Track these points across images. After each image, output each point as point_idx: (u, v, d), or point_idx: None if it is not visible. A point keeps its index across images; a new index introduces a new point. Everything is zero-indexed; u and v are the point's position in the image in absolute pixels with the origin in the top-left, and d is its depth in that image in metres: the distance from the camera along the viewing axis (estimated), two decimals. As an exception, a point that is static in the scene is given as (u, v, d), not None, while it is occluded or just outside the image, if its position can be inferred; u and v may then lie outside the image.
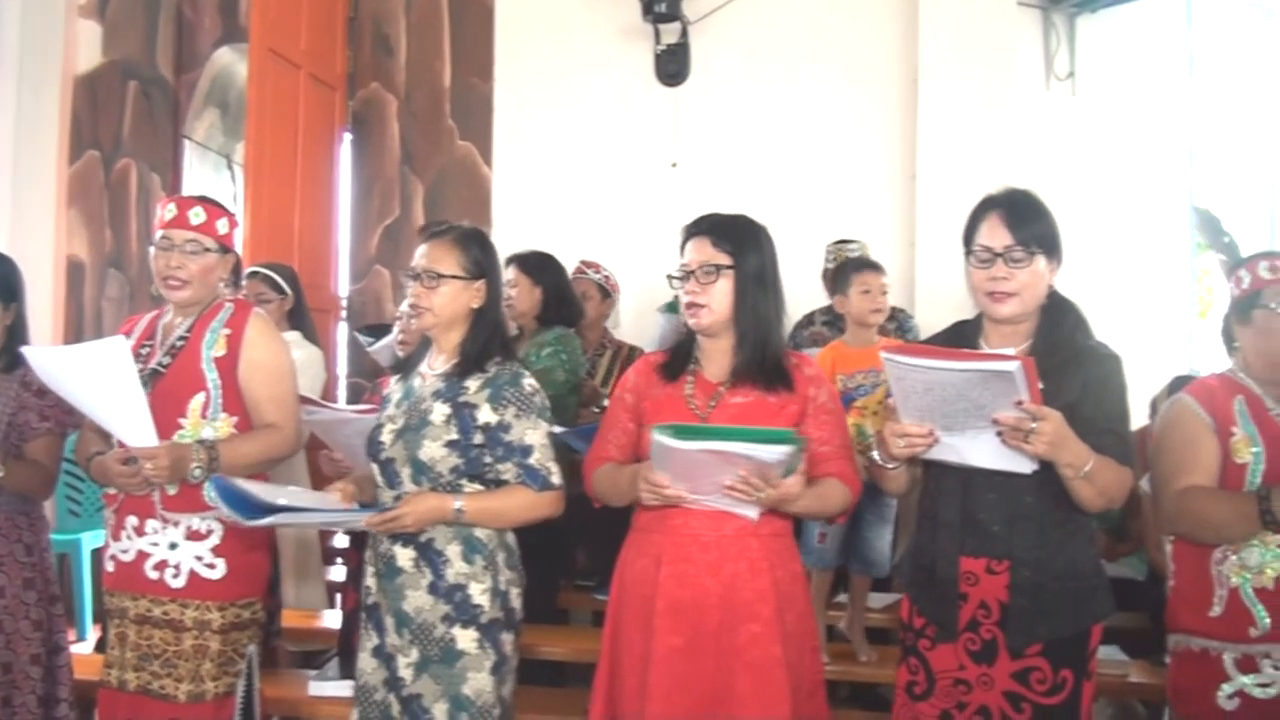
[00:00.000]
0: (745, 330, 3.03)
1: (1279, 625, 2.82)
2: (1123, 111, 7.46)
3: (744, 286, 3.01)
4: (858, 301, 4.62)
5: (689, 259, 3.04)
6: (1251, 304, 2.98)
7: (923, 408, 2.65)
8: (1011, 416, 2.55)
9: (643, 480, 2.87)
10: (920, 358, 2.57)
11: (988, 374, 2.51)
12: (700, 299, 3.00)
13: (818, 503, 2.94)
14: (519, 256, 5.01)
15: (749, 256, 3.03)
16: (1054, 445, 2.57)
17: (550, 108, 6.99)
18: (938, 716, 2.87)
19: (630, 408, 3.16)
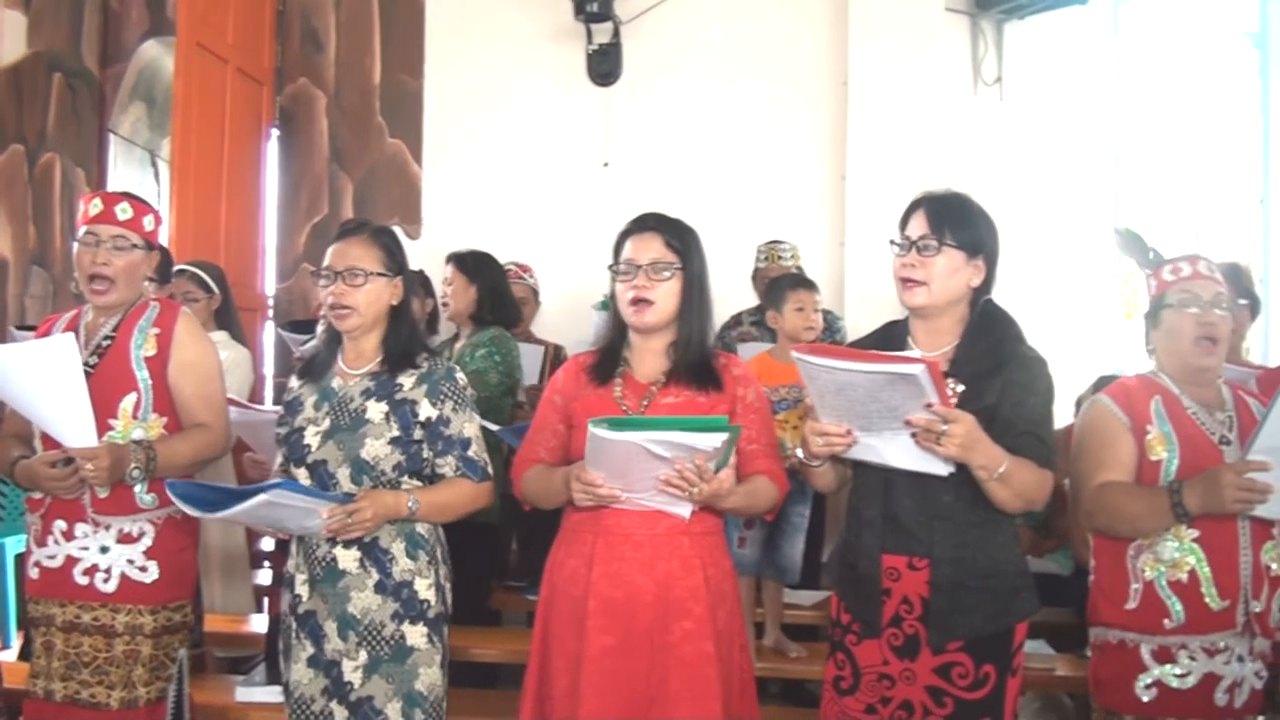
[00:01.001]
0: (687, 331, 3.04)
1: (1193, 617, 2.88)
2: (1049, 116, 7.57)
3: (690, 287, 3.04)
4: (792, 318, 4.68)
5: (637, 254, 3.03)
6: (1159, 305, 3.07)
7: (838, 408, 2.67)
8: (923, 419, 2.59)
9: (576, 480, 2.87)
10: (829, 359, 2.58)
11: (893, 376, 2.53)
12: (650, 295, 3.00)
13: (748, 500, 2.95)
14: (457, 255, 5.00)
15: (694, 258, 3.05)
16: (965, 448, 2.61)
17: (481, 106, 6.95)
18: (863, 710, 2.90)
19: (560, 409, 3.14)
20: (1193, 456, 2.93)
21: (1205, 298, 2.99)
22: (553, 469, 3.07)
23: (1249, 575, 2.89)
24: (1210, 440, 2.96)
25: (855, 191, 6.67)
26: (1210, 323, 2.98)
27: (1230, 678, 2.90)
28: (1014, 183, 7.14)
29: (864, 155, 6.66)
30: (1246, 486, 2.72)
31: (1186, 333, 2.99)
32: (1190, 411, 3.00)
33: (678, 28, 6.83)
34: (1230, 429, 3.00)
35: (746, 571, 4.62)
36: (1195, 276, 3.02)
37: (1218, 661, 2.90)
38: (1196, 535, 2.88)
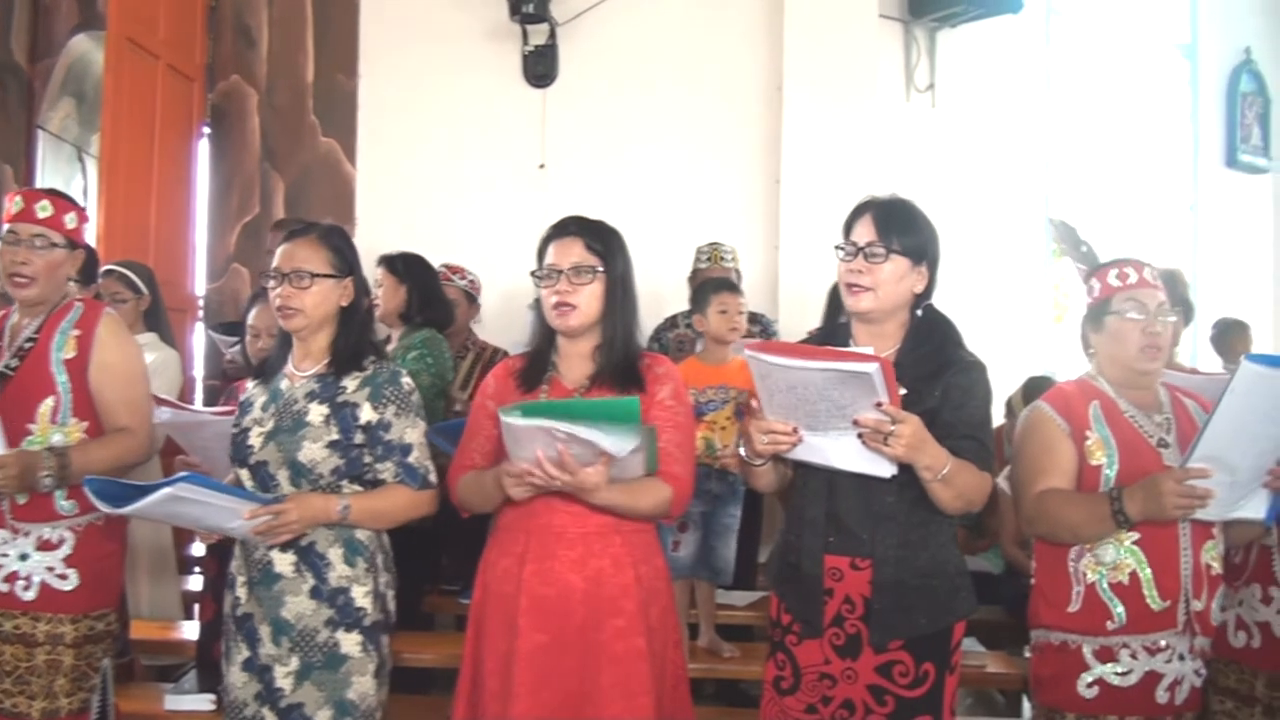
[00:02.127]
0: (611, 334, 3.04)
1: (1135, 618, 2.92)
2: (981, 123, 7.67)
3: (613, 290, 3.03)
4: (715, 321, 4.68)
5: (558, 259, 3.03)
6: (1103, 310, 3.08)
7: (786, 406, 2.67)
8: (871, 419, 2.60)
9: (505, 476, 2.86)
10: (782, 356, 2.59)
11: (846, 374, 2.54)
12: (572, 299, 3.00)
13: (626, 498, 2.92)
14: (387, 257, 4.98)
15: (616, 260, 3.05)
16: (912, 448, 2.62)
17: (416, 106, 6.89)
18: (804, 710, 2.92)
19: (491, 415, 3.11)
20: (1132, 460, 2.97)
21: (1151, 306, 3.03)
22: (483, 472, 3.07)
23: (1189, 575, 2.93)
24: (1149, 444, 3.00)
25: (789, 196, 6.69)
26: (1156, 331, 3.01)
27: (1171, 675, 2.95)
28: (946, 189, 7.19)
29: (798, 160, 6.69)
30: (1186, 493, 2.76)
31: (1133, 340, 3.02)
32: (1128, 415, 3.04)
33: (614, 30, 6.81)
34: (1168, 431, 3.04)
35: (681, 575, 4.64)
36: (1142, 284, 3.06)
37: (1159, 660, 2.94)
38: (1137, 538, 2.92)
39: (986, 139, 7.73)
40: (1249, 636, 3.28)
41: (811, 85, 6.70)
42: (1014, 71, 7.97)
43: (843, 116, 6.68)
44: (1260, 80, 9.45)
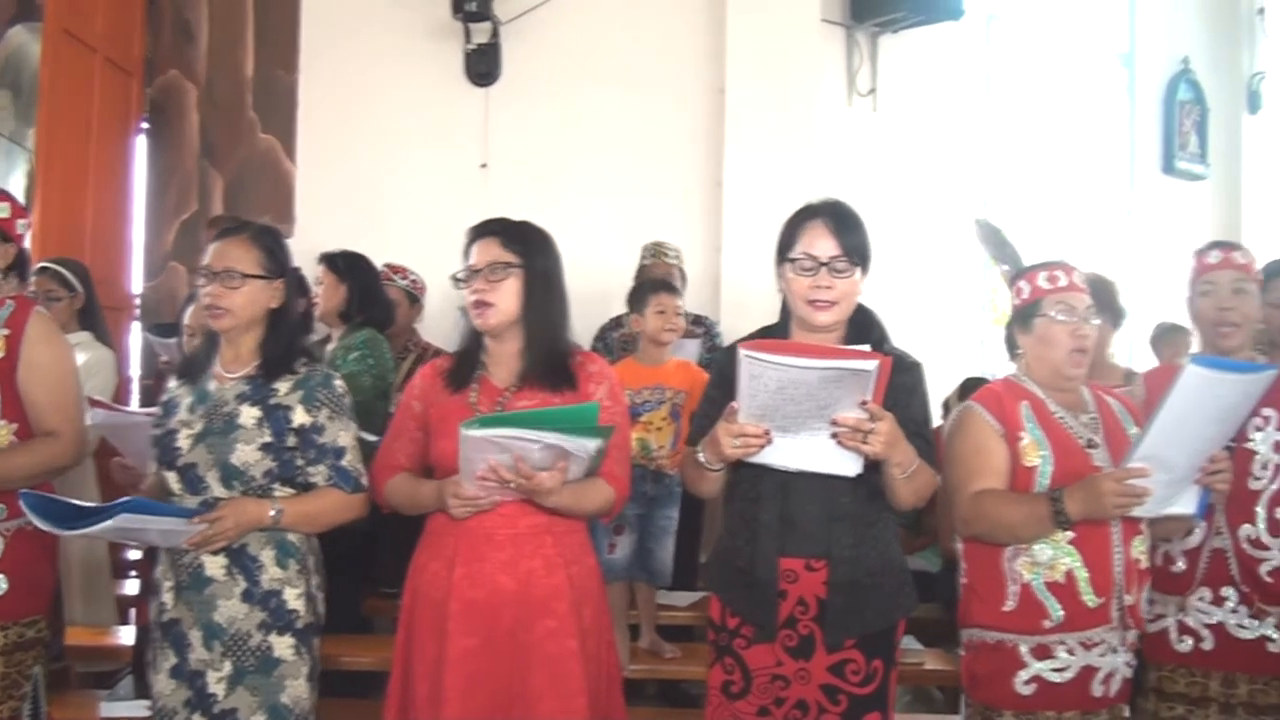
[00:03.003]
0: (533, 331, 3.04)
1: (1071, 615, 2.95)
2: (922, 128, 7.73)
3: (532, 287, 3.03)
4: (653, 321, 4.70)
5: (476, 259, 3.04)
6: (1032, 313, 3.11)
7: (767, 407, 2.66)
8: (852, 418, 2.62)
9: (451, 497, 2.87)
10: (780, 354, 2.57)
11: (845, 372, 2.56)
12: (488, 297, 3.01)
13: (575, 500, 2.94)
14: (328, 255, 4.95)
15: (536, 258, 3.05)
16: (889, 445, 2.66)
17: (357, 103, 6.83)
18: (756, 713, 2.94)
19: (418, 416, 3.15)
20: (1065, 460, 3.00)
21: (1079, 310, 3.06)
22: (418, 481, 3.08)
23: (1122, 571, 2.97)
24: (1078, 444, 3.04)
25: (732, 198, 6.72)
26: (1084, 335, 3.05)
27: (1106, 669, 2.99)
28: (887, 192, 7.26)
29: (740, 162, 6.72)
30: (1125, 492, 2.79)
31: (1061, 343, 3.05)
32: (1057, 416, 3.07)
33: (557, 30, 6.79)
34: (1095, 431, 3.08)
35: (618, 578, 4.64)
36: (1071, 288, 3.09)
37: (1094, 654, 2.98)
38: (1072, 536, 2.94)
39: (927, 143, 7.79)
40: (1197, 640, 3.31)
41: (754, 88, 6.73)
42: (955, 77, 8.04)
43: (785, 120, 6.71)
44: (1198, 89, 9.60)
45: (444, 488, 2.91)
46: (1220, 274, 3.37)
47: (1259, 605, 3.26)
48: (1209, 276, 3.40)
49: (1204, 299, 3.40)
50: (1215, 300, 3.37)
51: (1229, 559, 3.29)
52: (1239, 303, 3.34)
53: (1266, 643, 3.26)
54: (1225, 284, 3.36)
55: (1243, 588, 3.28)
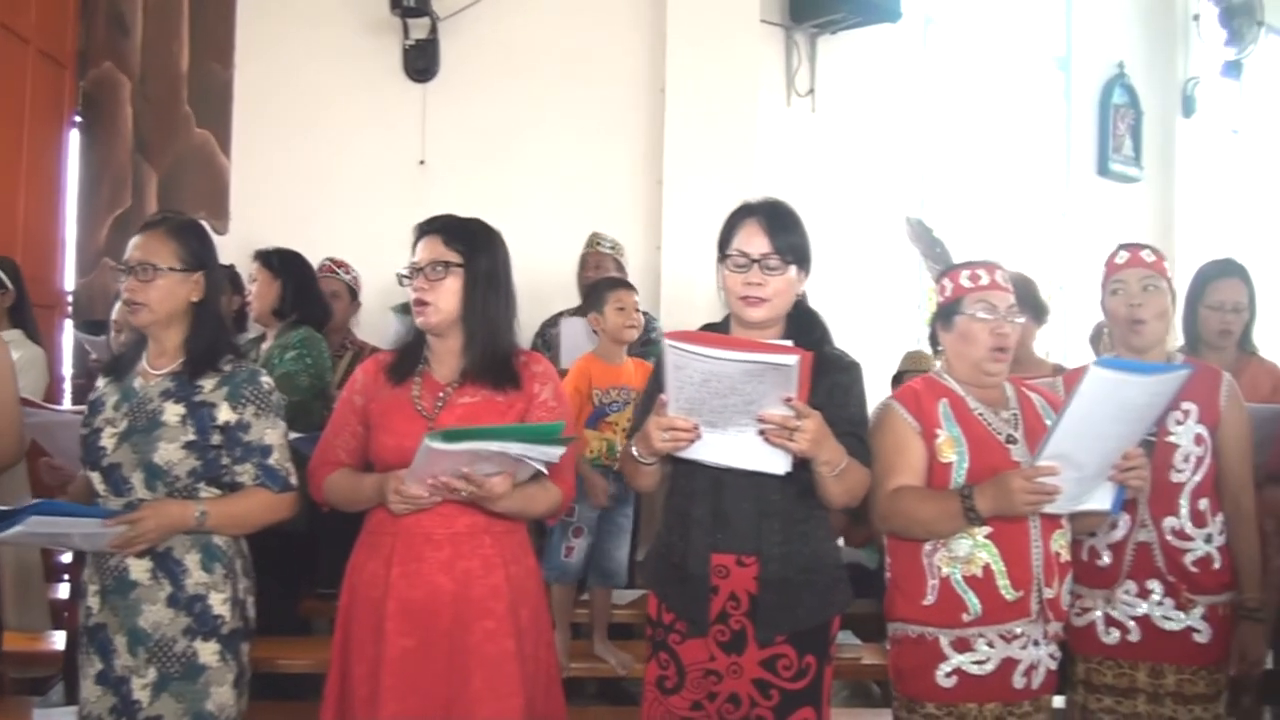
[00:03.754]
0: (474, 330, 3.02)
1: (989, 609, 2.99)
2: (860, 128, 7.79)
3: (473, 286, 3.01)
4: (613, 319, 4.69)
5: (419, 257, 3.03)
6: (954, 310, 3.15)
7: (694, 400, 2.68)
8: (778, 415, 2.63)
9: (394, 493, 2.85)
10: (704, 345, 2.59)
11: (767, 366, 2.56)
12: (428, 297, 2.99)
13: (523, 504, 2.95)
14: (263, 252, 4.90)
15: (479, 257, 3.03)
16: (815, 443, 2.67)
17: (293, 98, 6.73)
18: (689, 708, 2.95)
19: (358, 410, 3.11)
20: (981, 457, 3.03)
21: (1001, 308, 3.09)
22: (359, 475, 3.05)
23: (1041, 565, 3.00)
24: (998, 440, 3.07)
25: (672, 196, 6.72)
26: (1004, 333, 3.08)
27: (1027, 661, 3.02)
28: (826, 192, 7.30)
29: (680, 161, 6.73)
30: (1035, 490, 2.82)
31: (982, 341, 3.08)
32: (977, 412, 3.10)
33: (496, 26, 6.75)
34: (1015, 427, 3.11)
35: (571, 580, 4.64)
36: (993, 286, 3.12)
37: (1015, 647, 3.01)
38: (989, 531, 2.98)
39: (865, 144, 7.86)
40: (1124, 633, 3.37)
41: (694, 87, 6.74)
42: (893, 78, 8.12)
43: (724, 119, 6.73)
44: (1132, 93, 9.75)
45: (386, 483, 2.88)
46: (1128, 272, 3.43)
47: (1185, 595, 3.32)
48: (1118, 276, 3.45)
49: (1114, 298, 3.46)
50: (1125, 298, 3.42)
51: (1154, 551, 3.35)
52: (1148, 299, 3.39)
53: (1192, 633, 3.32)
54: (1134, 282, 3.41)
55: (1169, 579, 3.33)
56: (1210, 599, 3.33)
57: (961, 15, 8.90)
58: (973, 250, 6.29)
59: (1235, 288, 4.27)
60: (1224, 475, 3.38)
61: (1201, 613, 3.32)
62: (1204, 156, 10.47)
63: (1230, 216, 10.67)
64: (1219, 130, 10.78)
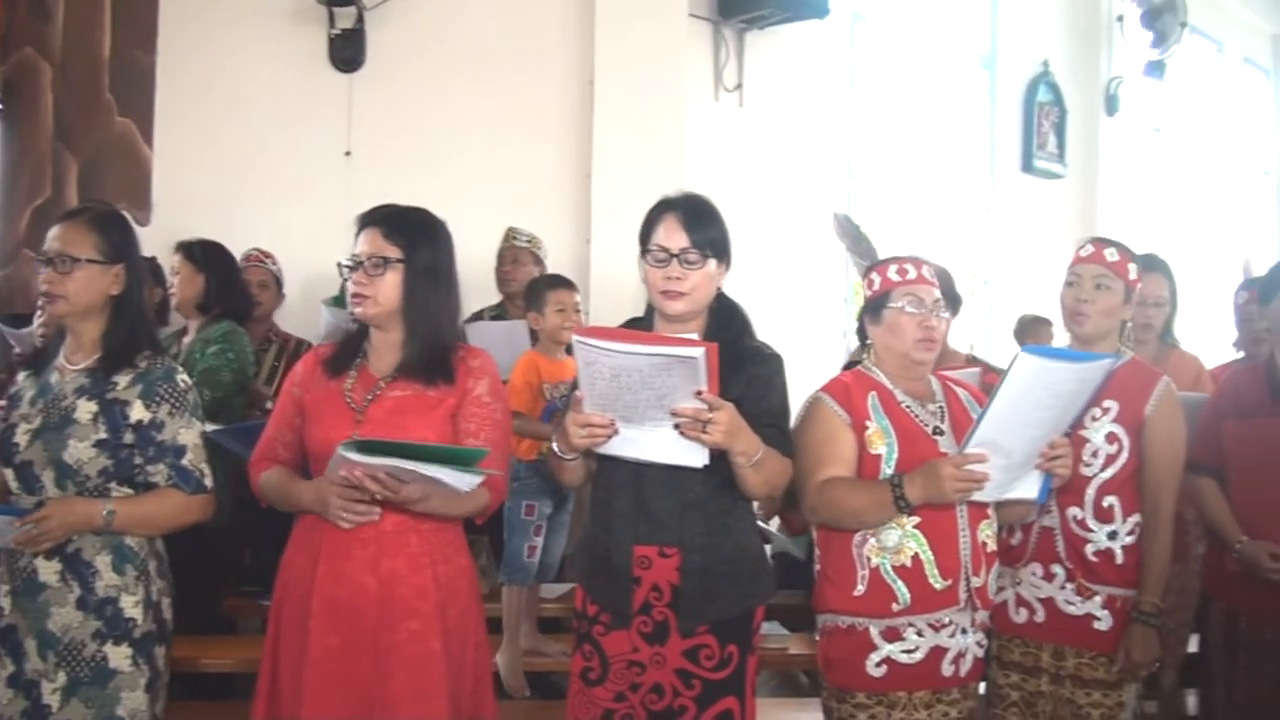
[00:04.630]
0: (414, 325, 2.99)
1: (918, 598, 3.03)
2: (787, 123, 7.84)
3: (413, 281, 2.98)
4: (553, 319, 4.71)
5: (360, 249, 3.00)
6: (882, 304, 3.19)
7: (607, 396, 2.69)
8: (690, 408, 2.65)
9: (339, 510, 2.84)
10: (610, 341, 2.61)
11: (673, 359, 2.58)
12: (366, 290, 2.96)
13: (445, 504, 2.91)
14: (185, 244, 4.83)
15: (421, 251, 2.99)
16: (729, 434, 2.69)
17: (217, 87, 6.60)
18: (612, 699, 2.97)
19: (297, 402, 3.08)
20: (910, 448, 3.07)
21: (928, 302, 3.14)
22: (294, 480, 3.01)
23: (968, 554, 3.05)
24: (924, 431, 3.12)
25: (600, 189, 6.75)
26: (932, 325, 3.13)
27: (955, 649, 3.08)
28: (753, 186, 7.33)
29: (608, 154, 6.75)
30: (964, 477, 2.87)
31: (909, 333, 3.13)
32: (904, 405, 3.15)
33: (423, 16, 6.69)
34: (942, 419, 3.17)
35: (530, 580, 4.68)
36: (920, 280, 3.17)
37: (943, 635, 3.06)
38: (918, 521, 3.02)
39: (793, 139, 7.91)
40: (1031, 613, 3.43)
41: (622, 80, 6.76)
42: (820, 74, 8.17)
43: (652, 113, 6.76)
44: (1057, 91, 9.89)
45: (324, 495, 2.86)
46: (1086, 267, 3.50)
47: (1082, 583, 3.39)
48: (1076, 268, 3.52)
49: (1068, 289, 3.53)
50: (1076, 291, 3.49)
51: (1056, 537, 3.42)
52: (1097, 296, 3.45)
53: (1093, 620, 3.39)
54: (1088, 277, 3.47)
55: (1068, 565, 3.41)
56: (1109, 590, 3.40)
57: (888, 12, 8.98)
58: (899, 245, 6.38)
59: (1156, 282, 4.36)
60: (1146, 476, 3.43)
61: (1101, 601, 3.39)
62: (1127, 154, 10.65)
63: (1152, 213, 10.86)
64: (1142, 128, 10.97)
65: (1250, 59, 12.76)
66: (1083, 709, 3.38)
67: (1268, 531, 3.64)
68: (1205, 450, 3.75)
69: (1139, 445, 3.41)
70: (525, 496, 4.67)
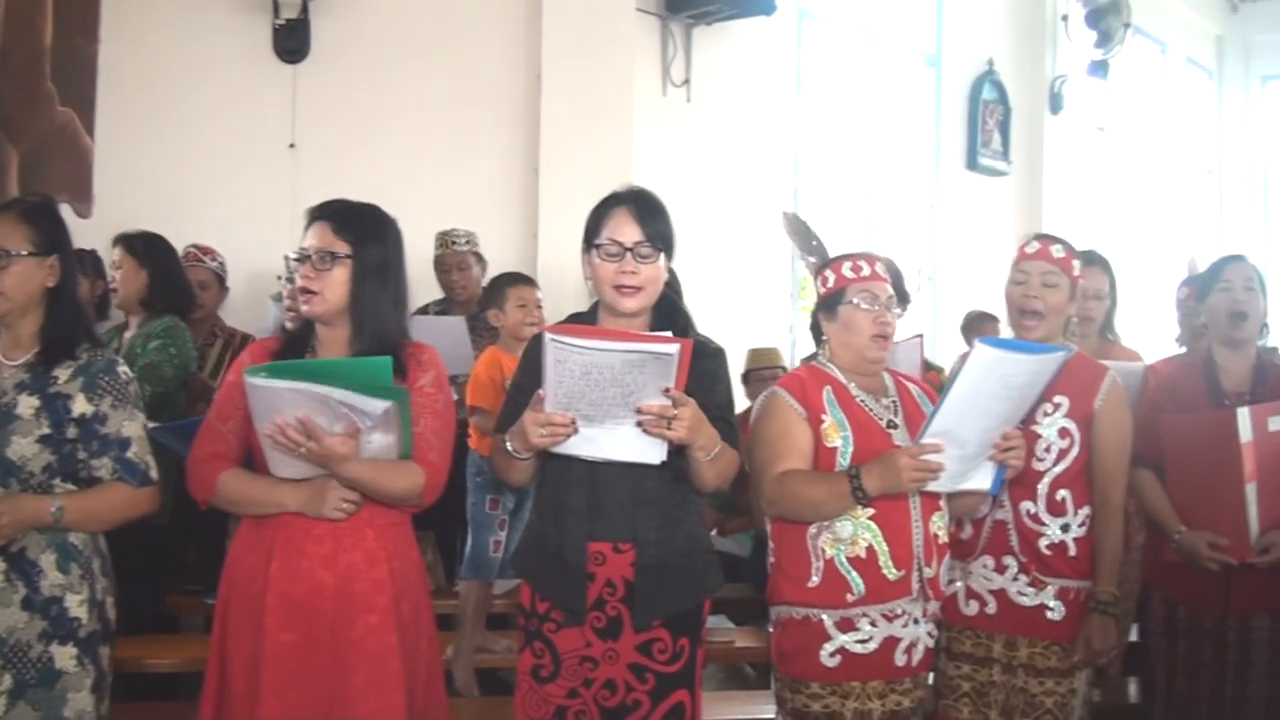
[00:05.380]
0: (362, 321, 2.95)
1: (872, 588, 3.07)
2: (735, 119, 7.86)
3: (361, 277, 2.94)
4: (514, 315, 4.68)
5: (309, 242, 2.96)
6: (837, 300, 3.22)
7: (573, 394, 2.68)
8: (655, 405, 2.67)
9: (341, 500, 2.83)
10: (585, 338, 2.61)
11: (648, 356, 2.60)
12: (314, 286, 2.92)
13: (376, 474, 2.86)
14: (125, 236, 4.71)
15: (370, 247, 2.95)
16: (692, 429, 2.72)
17: (160, 77, 6.49)
18: (565, 696, 2.96)
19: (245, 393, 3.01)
20: (864, 441, 3.11)
21: (882, 298, 3.18)
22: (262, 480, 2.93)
23: (921, 545, 3.09)
24: (879, 425, 3.16)
25: (547, 184, 6.74)
26: (886, 322, 3.17)
27: (907, 639, 3.12)
28: (700, 181, 7.35)
29: (556, 149, 6.75)
30: (920, 467, 2.90)
31: (865, 329, 3.16)
32: (859, 399, 3.18)
33: (369, 7, 6.63)
34: (895, 413, 3.21)
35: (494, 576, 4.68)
36: (874, 277, 3.20)
37: (896, 625, 3.10)
38: (872, 513, 3.05)
39: (740, 134, 7.94)
40: (982, 604, 3.46)
41: (569, 75, 6.76)
42: (767, 71, 8.21)
43: (600, 107, 6.78)
44: (1001, 90, 9.99)
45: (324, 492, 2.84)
46: (1033, 264, 3.52)
47: (1036, 575, 3.42)
48: (1023, 265, 3.54)
49: (1015, 286, 3.55)
50: (1024, 289, 3.51)
51: (1010, 531, 3.45)
52: (1046, 294, 3.48)
53: (1045, 610, 3.42)
54: (1036, 275, 3.50)
55: (1022, 558, 3.44)
56: (1063, 582, 3.43)
57: (835, 10, 9.03)
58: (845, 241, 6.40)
59: (1096, 275, 4.40)
60: (1095, 469, 3.47)
61: (1054, 592, 3.42)
62: (1070, 152, 10.77)
63: (1095, 210, 10.98)
64: (1085, 127, 11.10)
65: (1193, 59, 12.94)
66: (1036, 697, 3.41)
67: (1204, 522, 3.71)
68: (1144, 443, 3.79)
69: (1089, 439, 3.45)
70: (489, 491, 4.65)
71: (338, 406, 2.70)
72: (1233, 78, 13.44)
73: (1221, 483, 3.64)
